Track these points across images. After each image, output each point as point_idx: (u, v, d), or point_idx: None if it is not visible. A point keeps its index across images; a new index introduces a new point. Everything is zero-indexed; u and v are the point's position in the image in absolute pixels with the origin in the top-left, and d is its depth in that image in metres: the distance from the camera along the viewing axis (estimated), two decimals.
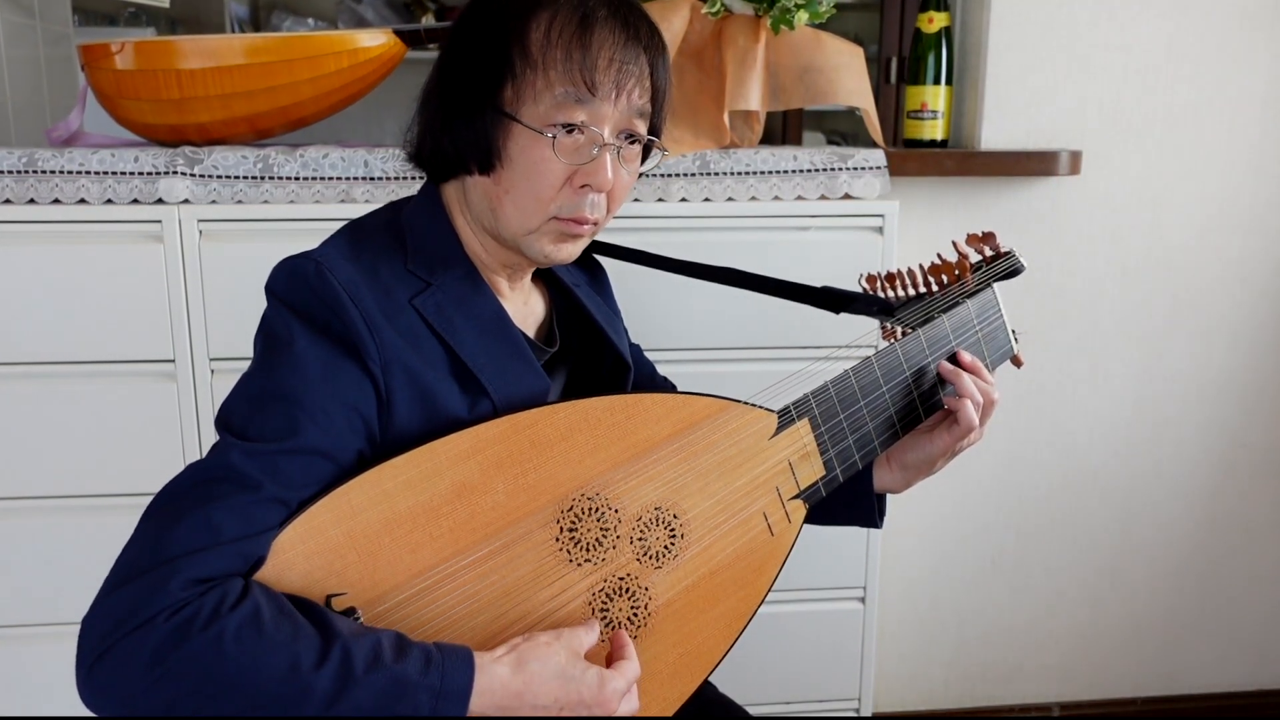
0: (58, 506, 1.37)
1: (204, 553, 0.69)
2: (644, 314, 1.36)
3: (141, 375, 1.34)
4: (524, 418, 0.83)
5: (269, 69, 1.34)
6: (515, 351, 0.88)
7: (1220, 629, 1.91)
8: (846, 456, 0.97)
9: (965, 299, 1.04)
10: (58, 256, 1.30)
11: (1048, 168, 1.59)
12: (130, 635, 0.66)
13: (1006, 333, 1.09)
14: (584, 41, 0.81)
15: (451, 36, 0.87)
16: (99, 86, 1.38)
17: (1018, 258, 1.09)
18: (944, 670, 1.87)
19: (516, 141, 0.84)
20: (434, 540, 0.78)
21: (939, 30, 1.60)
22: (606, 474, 0.85)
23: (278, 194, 1.35)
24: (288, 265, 0.82)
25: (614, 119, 0.84)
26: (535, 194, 0.84)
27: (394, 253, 0.86)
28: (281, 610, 0.70)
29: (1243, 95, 1.69)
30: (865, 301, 1.05)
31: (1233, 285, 1.76)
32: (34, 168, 1.31)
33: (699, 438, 0.90)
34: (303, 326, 0.79)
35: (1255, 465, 1.83)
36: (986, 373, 1.02)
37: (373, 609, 0.76)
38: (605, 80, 0.82)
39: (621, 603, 0.86)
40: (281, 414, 0.76)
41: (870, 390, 0.97)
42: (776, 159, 1.43)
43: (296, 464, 0.75)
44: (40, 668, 1.40)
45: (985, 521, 1.81)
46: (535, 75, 0.82)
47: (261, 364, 0.80)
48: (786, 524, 0.94)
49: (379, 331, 0.80)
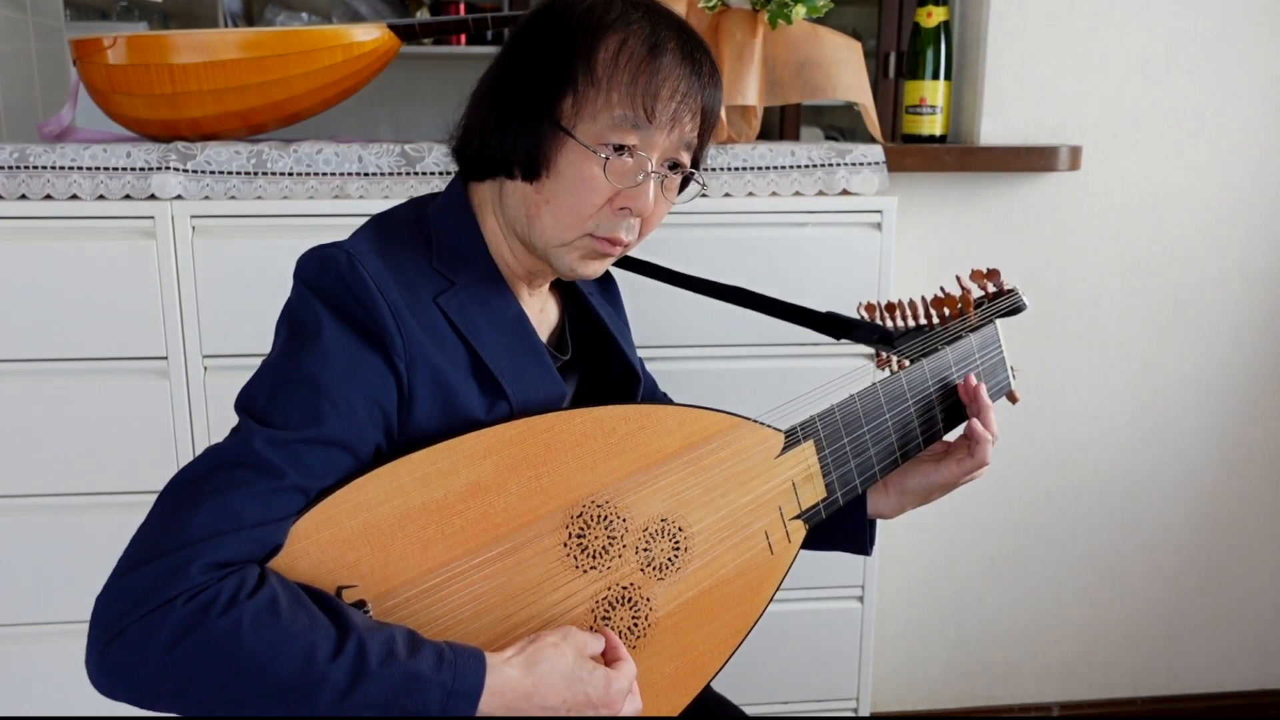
0: (50, 505, 1.36)
1: (224, 537, 0.69)
2: (644, 311, 1.35)
3: (134, 372, 1.34)
4: (541, 421, 0.83)
5: (262, 64, 1.33)
6: (534, 356, 0.89)
7: (1221, 628, 1.90)
8: (848, 480, 0.97)
9: (968, 333, 1.05)
10: (50, 253, 1.30)
11: (1047, 163, 1.58)
12: (148, 616, 0.66)
13: (1006, 369, 1.10)
14: (651, 70, 0.82)
15: (516, 38, 0.87)
16: (91, 81, 1.37)
17: (1020, 295, 1.10)
18: (943, 670, 1.86)
19: (567, 155, 0.84)
20: (446, 538, 0.78)
21: (938, 24, 1.59)
22: (617, 482, 0.85)
23: (271, 190, 1.34)
24: (319, 253, 0.82)
25: (663, 147, 0.85)
26: (576, 209, 0.85)
27: (420, 249, 0.86)
28: (297, 600, 0.70)
29: (1245, 90, 1.68)
30: (867, 330, 1.07)
31: (1234, 283, 1.74)
32: (26, 163, 1.30)
33: (709, 452, 0.90)
34: (331, 316, 0.79)
35: (1257, 464, 1.83)
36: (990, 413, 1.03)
37: (382, 603, 0.76)
38: (664, 111, 0.83)
39: (623, 612, 0.86)
40: (306, 402, 0.76)
41: (874, 416, 0.98)
42: (774, 154, 1.42)
43: (318, 453, 0.75)
44: (32, 667, 1.39)
45: (985, 520, 1.80)
46: (598, 94, 0.83)
47: (286, 350, 0.80)
48: (786, 543, 0.94)
49: (405, 327, 0.80)
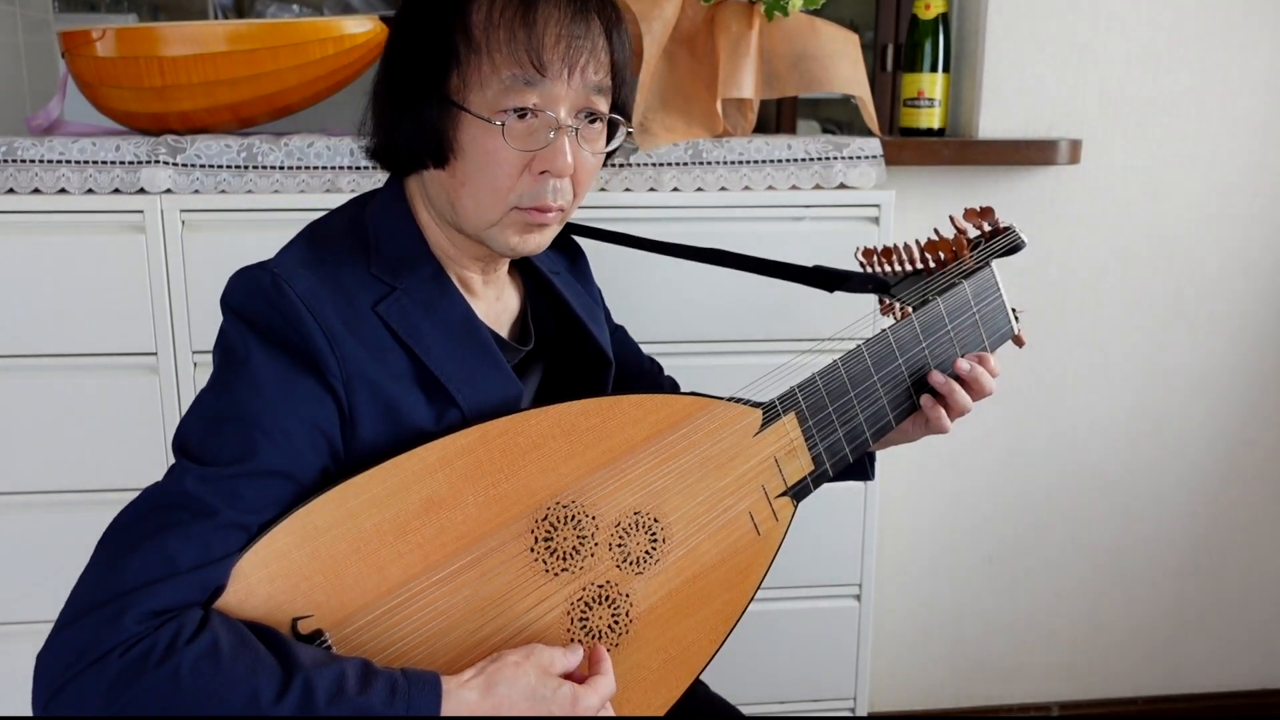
0: (38, 502, 1.35)
1: (160, 584, 0.68)
2: (631, 308, 1.34)
3: (123, 368, 1.32)
4: (494, 427, 0.81)
5: (253, 56, 1.32)
6: (485, 357, 0.85)
7: (1222, 627, 1.89)
8: (836, 450, 0.94)
9: (962, 279, 1.01)
10: (37, 247, 1.28)
11: (1047, 157, 1.57)
12: (84, 672, 0.65)
13: (1006, 313, 1.06)
14: (528, 19, 0.78)
15: (395, 25, 0.84)
16: (80, 74, 1.36)
17: (1018, 233, 1.06)
18: (941, 669, 1.85)
19: (467, 131, 0.80)
20: (402, 557, 0.76)
21: (936, 16, 1.58)
22: (582, 480, 0.83)
23: (262, 183, 1.33)
24: (243, 276, 0.80)
25: (569, 99, 0.81)
26: (491, 185, 0.81)
27: (356, 256, 0.83)
28: (242, 641, 0.68)
29: (1246, 82, 1.66)
30: (860, 279, 1.03)
31: (1235, 277, 1.73)
32: (13, 157, 1.29)
33: (679, 438, 0.88)
34: (259, 341, 0.77)
35: (1258, 460, 1.81)
36: (992, 363, 1.00)
37: (341, 630, 0.74)
38: (554, 59, 0.79)
39: (601, 611, 0.84)
40: (238, 435, 0.74)
41: (860, 380, 0.95)
42: (770, 148, 1.41)
43: (255, 486, 0.73)
44: (20, 665, 1.38)
45: (983, 517, 1.79)
46: (480, 60, 0.79)
47: (217, 382, 0.78)
48: (774, 523, 0.92)
49: (339, 345, 0.78)
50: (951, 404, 0.97)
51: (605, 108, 0.85)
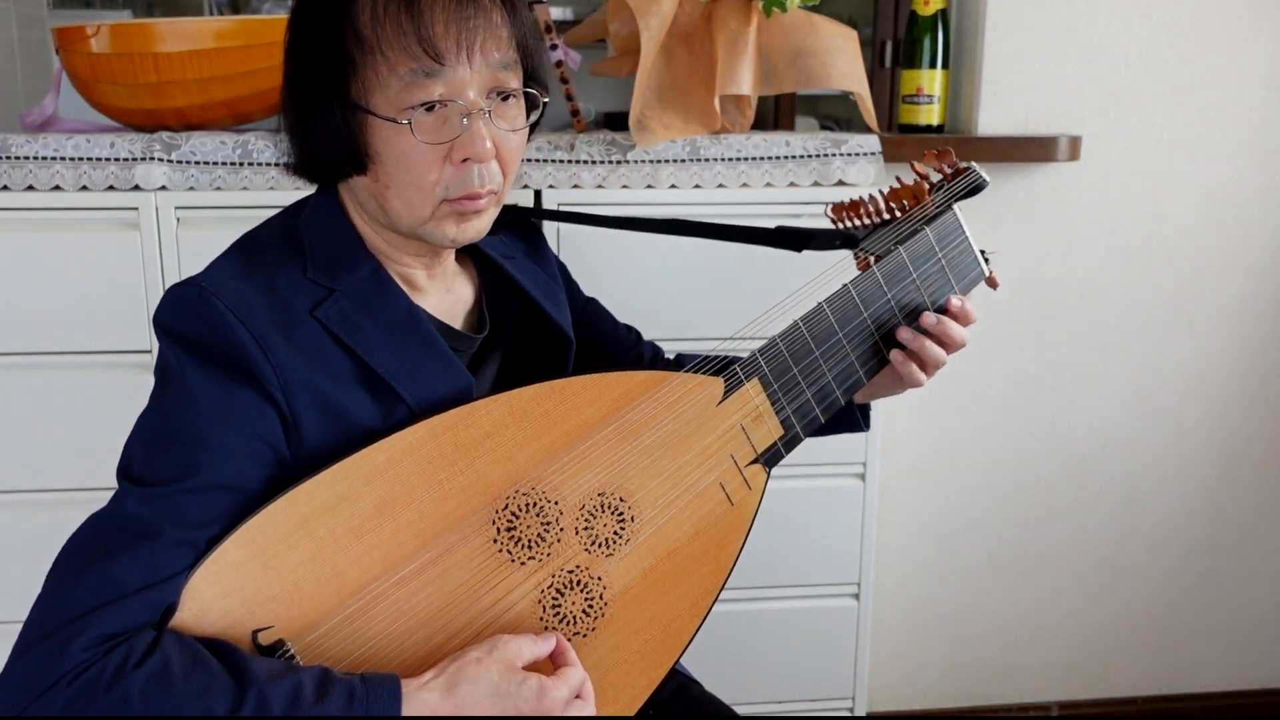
0: (33, 500, 1.34)
1: (107, 608, 0.67)
2: (643, 307, 1.33)
3: (118, 366, 1.32)
4: (442, 420, 0.80)
5: (248, 52, 1.32)
6: (429, 350, 0.84)
7: (1222, 626, 1.88)
8: (806, 412, 0.93)
9: (924, 225, 0.99)
10: (31, 244, 1.28)
11: (1046, 153, 1.56)
12: (35, 703, 0.65)
13: (974, 255, 1.03)
14: (413, 10, 0.76)
15: (288, 34, 0.82)
16: (74, 70, 1.35)
17: (979, 172, 1.04)
18: (940, 668, 1.84)
19: (378, 134, 0.79)
20: (360, 560, 0.75)
21: (935, 12, 1.57)
22: (541, 466, 0.82)
23: (257, 180, 1.33)
24: (172, 294, 0.78)
25: (475, 82, 0.79)
26: (415, 183, 0.80)
27: (291, 262, 0.82)
28: (195, 660, 0.68)
29: (1246, 78, 1.66)
30: (827, 236, 1.01)
31: (1236, 274, 1.73)
32: (7, 153, 1.29)
33: (638, 415, 0.86)
34: (191, 357, 0.76)
35: (1258, 458, 1.81)
36: (970, 310, 0.98)
37: (303, 639, 0.73)
38: (448, 45, 0.77)
39: (574, 596, 0.83)
40: (178, 454, 0.73)
41: (825, 339, 0.94)
42: (768, 145, 1.40)
43: (199, 501, 0.72)
44: None
45: (982, 515, 1.78)
46: (375, 59, 0.77)
47: (155, 403, 0.77)
48: (746, 491, 0.90)
49: (274, 353, 0.76)
50: (924, 358, 0.95)
51: (516, 83, 0.83)
